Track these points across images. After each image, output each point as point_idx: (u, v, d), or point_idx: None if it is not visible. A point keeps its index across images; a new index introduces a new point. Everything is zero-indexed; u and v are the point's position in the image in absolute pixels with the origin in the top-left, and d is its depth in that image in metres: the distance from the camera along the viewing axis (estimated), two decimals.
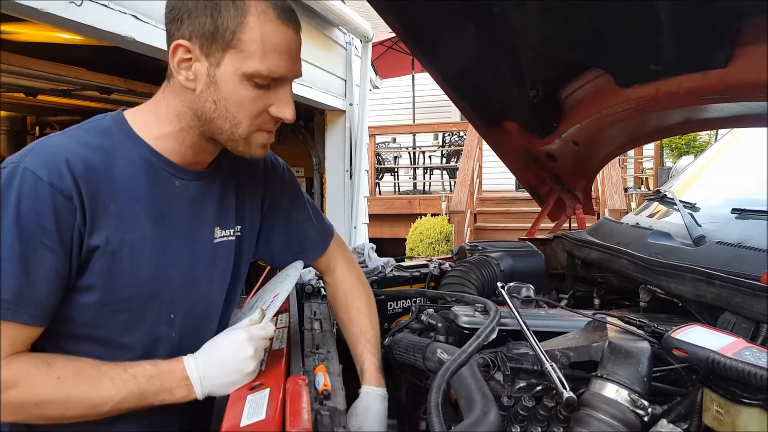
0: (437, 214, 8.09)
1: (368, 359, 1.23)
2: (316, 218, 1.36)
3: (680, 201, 1.69)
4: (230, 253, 1.19)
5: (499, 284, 1.41)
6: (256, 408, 0.90)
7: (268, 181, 1.28)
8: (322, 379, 0.97)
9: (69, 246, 0.93)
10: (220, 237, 1.16)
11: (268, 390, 0.96)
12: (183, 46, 0.97)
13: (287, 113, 1.04)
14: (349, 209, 5.53)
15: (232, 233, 1.18)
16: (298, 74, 1.04)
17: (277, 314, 1.39)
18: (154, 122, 1.05)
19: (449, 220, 7.36)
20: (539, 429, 0.99)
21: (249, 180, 1.23)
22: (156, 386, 0.97)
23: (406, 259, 2.11)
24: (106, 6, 2.42)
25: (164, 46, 1.02)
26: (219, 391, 1.01)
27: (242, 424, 0.86)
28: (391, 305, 1.84)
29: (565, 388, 0.93)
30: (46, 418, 0.94)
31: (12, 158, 0.94)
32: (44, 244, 0.90)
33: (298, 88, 4.42)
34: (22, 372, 0.91)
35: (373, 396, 1.17)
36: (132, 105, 1.11)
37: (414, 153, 10.90)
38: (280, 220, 1.31)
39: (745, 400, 0.84)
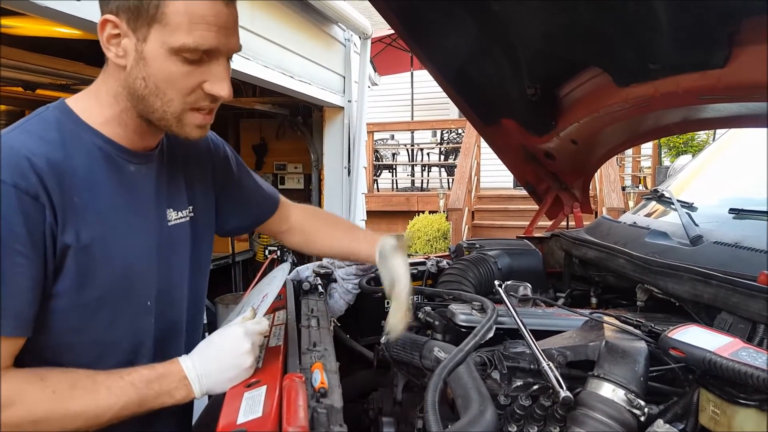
0: (435, 212, 8.09)
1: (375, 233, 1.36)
2: (260, 181, 1.41)
3: (678, 200, 1.69)
4: (186, 235, 1.17)
5: (496, 282, 1.41)
6: (252, 405, 0.90)
7: (214, 159, 1.27)
8: (319, 377, 0.97)
9: (42, 248, 0.89)
10: (174, 219, 1.14)
11: (264, 387, 0.96)
12: (110, 21, 0.93)
13: (222, 90, 0.98)
14: (347, 206, 5.51)
15: (186, 214, 1.17)
16: (235, 49, 1.00)
17: (274, 311, 1.39)
18: (96, 107, 1.01)
19: (447, 217, 7.36)
20: (536, 428, 0.99)
21: (195, 159, 1.22)
22: (155, 390, 0.95)
23: None
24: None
25: None
26: (217, 389, 1.00)
27: (239, 421, 0.86)
28: (388, 303, 1.84)
29: (561, 387, 0.93)
30: None
31: None
32: (17, 251, 0.86)
33: (297, 84, 4.41)
34: (16, 389, 0.87)
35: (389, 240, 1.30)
36: None
37: (412, 150, 10.89)
38: (236, 191, 1.32)
39: (742, 401, 0.84)
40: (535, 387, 1.07)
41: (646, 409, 0.92)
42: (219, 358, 1.01)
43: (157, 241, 1.09)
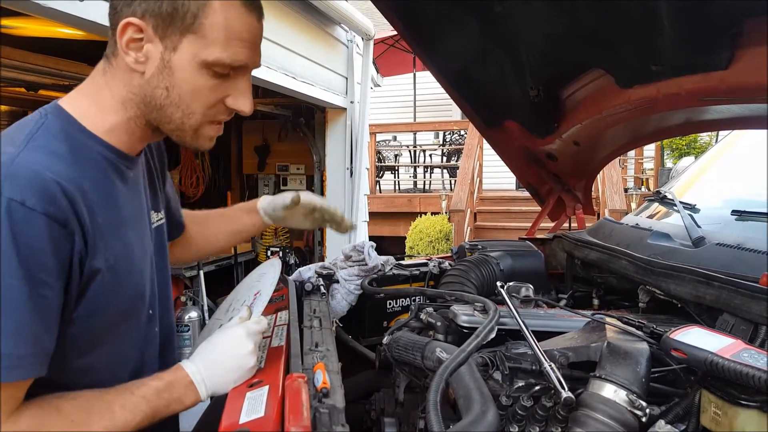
0: (437, 213, 8.09)
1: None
2: None
3: (680, 202, 1.69)
4: (164, 235, 1.17)
5: (498, 284, 1.41)
6: (255, 405, 0.91)
7: (165, 158, 1.26)
8: (321, 377, 0.97)
9: (66, 276, 0.84)
10: (156, 221, 1.13)
11: (267, 387, 0.96)
12: (134, 24, 0.89)
13: (245, 105, 0.98)
14: (349, 207, 5.52)
15: (163, 214, 1.17)
16: (258, 64, 0.99)
17: (276, 311, 1.39)
18: (97, 112, 0.95)
19: (449, 218, 7.36)
20: (537, 429, 0.99)
21: (159, 158, 1.21)
22: (165, 399, 0.95)
23: (405, 258, 2.11)
24: (107, 1, 2.41)
25: None
26: (221, 389, 1.00)
27: (241, 421, 0.86)
28: (390, 303, 1.84)
29: (563, 388, 0.93)
30: None
31: None
32: (45, 282, 0.80)
33: (300, 85, 4.41)
34: (35, 424, 0.83)
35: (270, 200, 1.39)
36: None
37: (414, 151, 10.90)
38: (170, 195, 1.30)
39: (743, 402, 0.84)
40: (537, 388, 1.07)
41: (647, 410, 0.92)
42: (223, 361, 1.00)
43: (151, 246, 1.09)
